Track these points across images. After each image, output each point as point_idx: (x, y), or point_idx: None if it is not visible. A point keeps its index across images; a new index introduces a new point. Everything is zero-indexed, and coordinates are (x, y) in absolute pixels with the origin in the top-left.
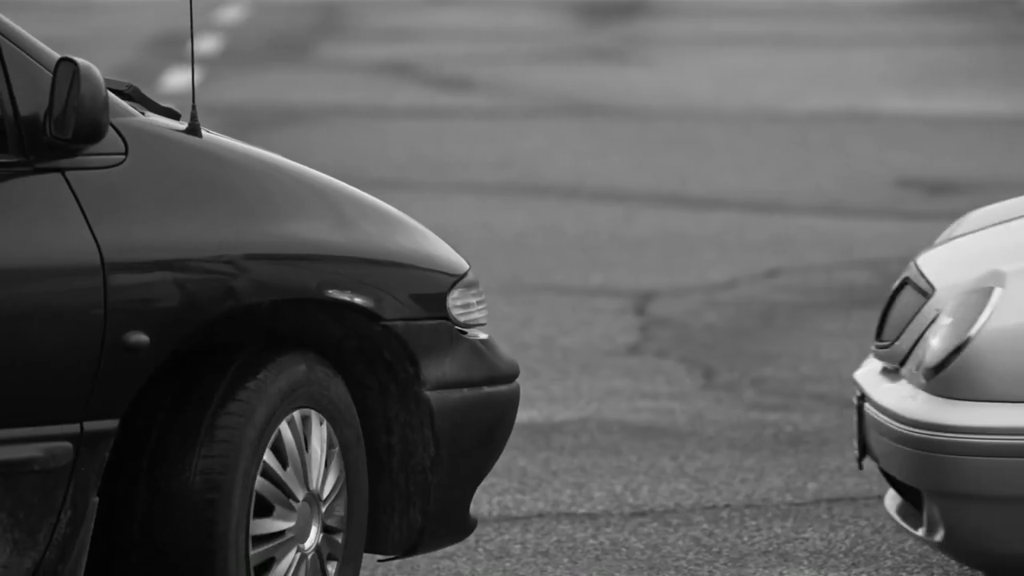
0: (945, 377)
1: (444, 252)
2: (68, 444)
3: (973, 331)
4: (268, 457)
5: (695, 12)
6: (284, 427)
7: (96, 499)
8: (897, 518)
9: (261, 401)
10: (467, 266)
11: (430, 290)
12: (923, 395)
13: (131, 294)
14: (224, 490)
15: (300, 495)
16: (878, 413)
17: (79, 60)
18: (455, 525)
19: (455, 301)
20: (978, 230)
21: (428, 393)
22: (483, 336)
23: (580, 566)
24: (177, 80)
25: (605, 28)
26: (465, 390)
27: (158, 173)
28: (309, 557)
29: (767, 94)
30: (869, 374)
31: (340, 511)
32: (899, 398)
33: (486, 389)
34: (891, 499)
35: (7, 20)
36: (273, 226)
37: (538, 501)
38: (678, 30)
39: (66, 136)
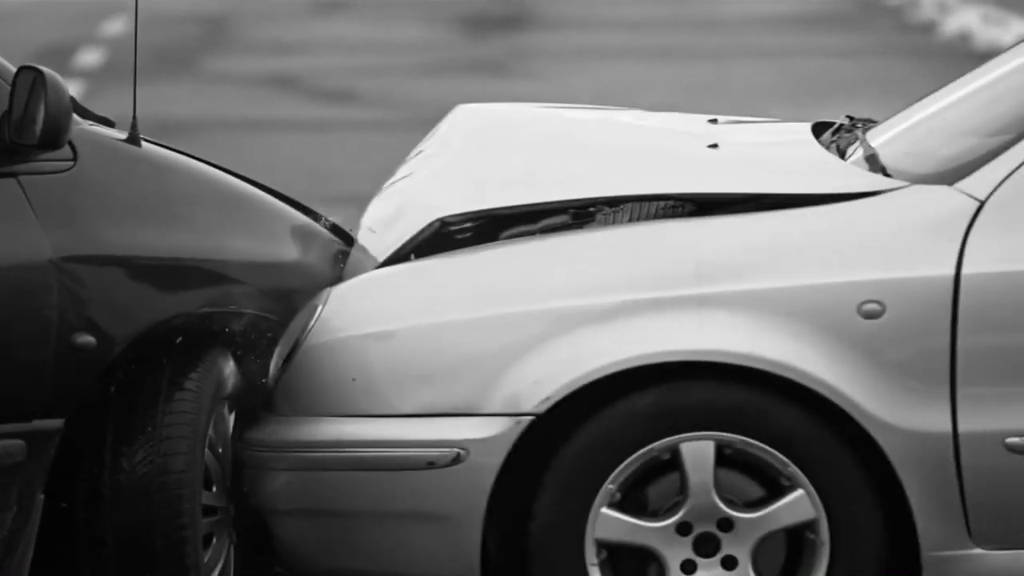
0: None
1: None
2: (21, 442)
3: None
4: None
5: (578, 24)
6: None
7: (42, 496)
8: None
9: (202, 394)
10: None
11: None
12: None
13: (79, 296)
14: (186, 479)
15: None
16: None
17: (43, 68)
18: None
19: None
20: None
21: None
22: None
23: None
24: None
25: (489, 40)
26: None
27: (105, 180)
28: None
29: (649, 106)
30: None
31: None
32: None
33: None
34: None
35: None
36: (213, 234)
37: None
38: (561, 42)
39: (31, 142)
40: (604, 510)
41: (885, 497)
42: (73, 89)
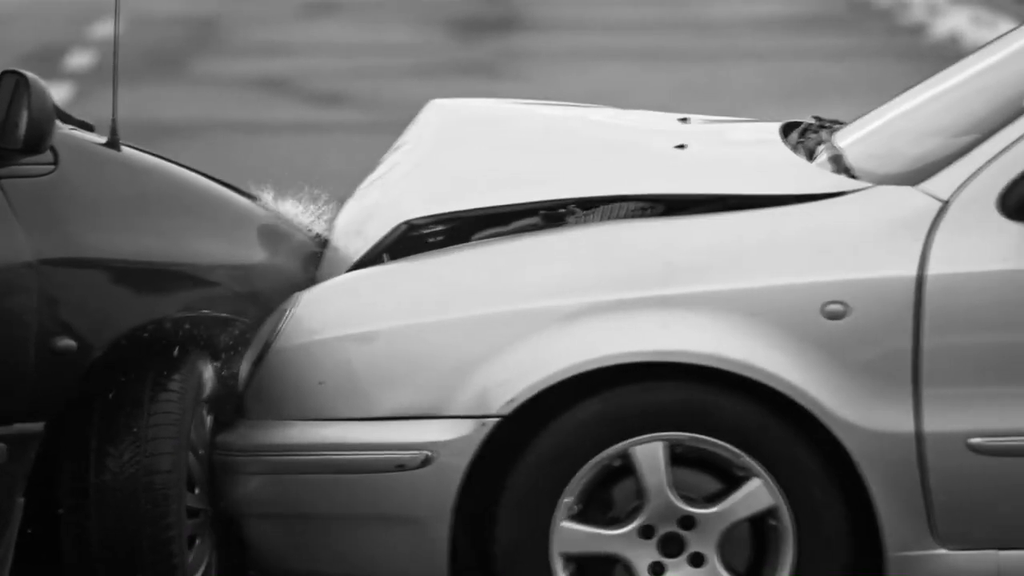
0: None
1: None
2: (2, 445)
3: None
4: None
5: (569, 27)
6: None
7: (22, 500)
8: None
9: (185, 397)
10: None
11: None
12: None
13: (60, 300)
14: (172, 479)
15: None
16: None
17: (26, 73)
18: None
19: None
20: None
21: None
22: None
23: None
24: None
25: (479, 43)
26: None
27: (86, 184)
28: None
29: (640, 108)
30: None
31: None
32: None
33: None
34: None
35: None
36: (192, 238)
37: None
38: (551, 44)
39: (14, 146)
40: (564, 523)
41: (850, 498)
42: (63, 91)
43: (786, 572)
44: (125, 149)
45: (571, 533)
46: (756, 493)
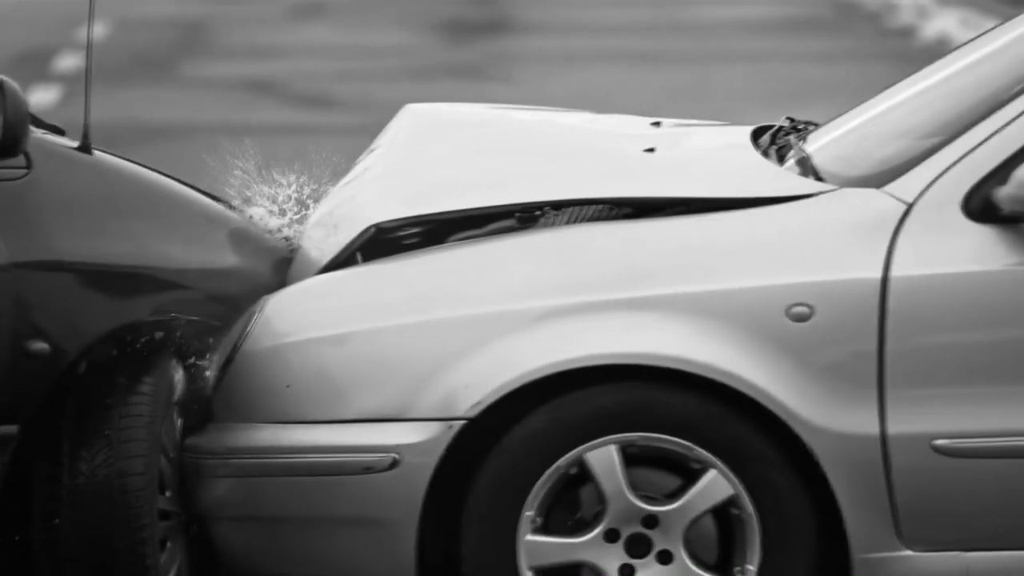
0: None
1: None
2: None
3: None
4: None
5: (557, 29)
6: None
7: None
8: None
9: (157, 400)
10: None
11: None
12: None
13: (33, 303)
14: (144, 481)
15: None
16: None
17: (1, 76)
18: None
19: None
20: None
21: None
22: None
23: None
24: (40, 98)
25: (467, 45)
26: None
27: (59, 187)
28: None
29: (629, 110)
30: None
31: None
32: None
33: None
34: None
35: None
36: (163, 242)
37: None
38: (540, 47)
39: None
40: (529, 537)
41: (818, 501)
42: (52, 93)
43: (755, 559)
44: (97, 153)
45: (538, 546)
46: (714, 484)
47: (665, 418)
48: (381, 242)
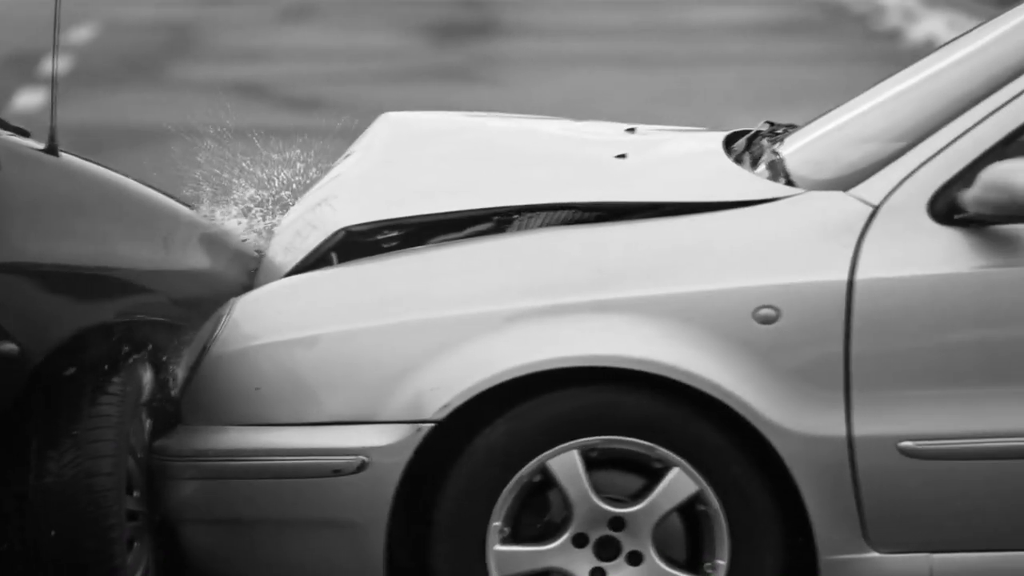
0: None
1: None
2: None
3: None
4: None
5: (544, 31)
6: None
7: None
8: None
9: (125, 401)
10: None
11: None
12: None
13: (2, 304)
14: (112, 482)
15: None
16: None
17: None
18: None
19: None
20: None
21: None
22: None
23: None
24: (27, 101)
25: (454, 47)
26: None
27: (25, 189)
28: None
29: (615, 113)
30: None
31: None
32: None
33: None
34: None
35: None
36: (131, 244)
37: None
38: (527, 49)
39: None
40: (498, 547)
41: (785, 504)
42: (38, 96)
43: (724, 554)
44: (63, 155)
45: (507, 556)
46: (677, 481)
47: (624, 420)
48: (360, 246)
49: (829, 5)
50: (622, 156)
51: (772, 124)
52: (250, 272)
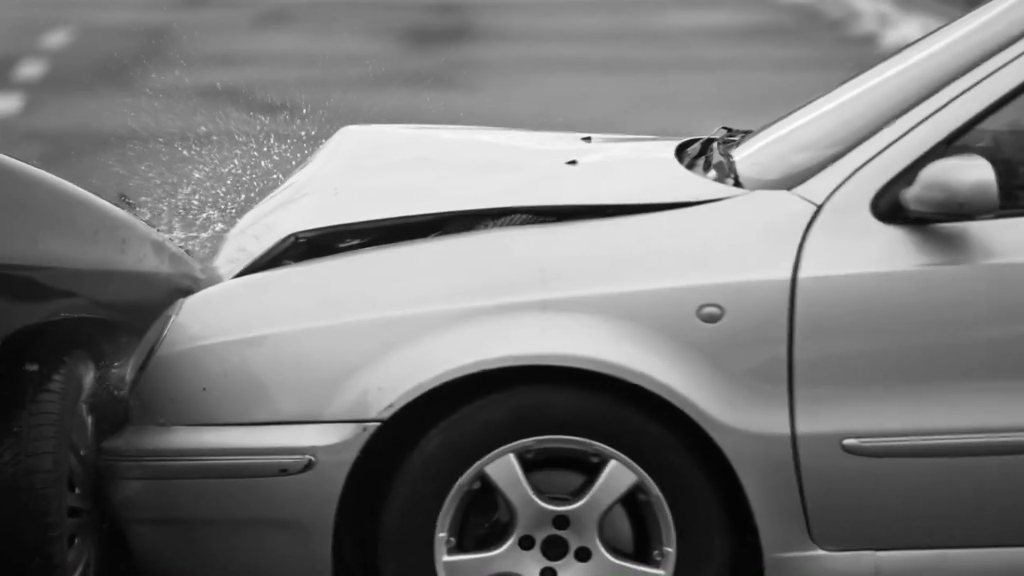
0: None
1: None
2: None
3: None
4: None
5: (521, 36)
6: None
7: None
8: None
9: (66, 398)
10: None
11: None
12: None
13: None
14: (53, 478)
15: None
16: None
17: None
18: None
19: None
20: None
21: None
22: None
23: None
24: (0, 107)
25: (431, 53)
26: None
27: None
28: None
29: (593, 118)
30: None
31: None
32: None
33: None
34: None
35: None
36: (72, 244)
37: None
38: (504, 54)
39: None
40: (447, 558)
41: (728, 500)
42: (14, 101)
43: (671, 540)
44: (3, 157)
45: (456, 565)
46: (615, 474)
47: (555, 418)
48: (319, 253)
49: (804, 10)
50: (573, 163)
51: (729, 130)
52: (190, 275)
